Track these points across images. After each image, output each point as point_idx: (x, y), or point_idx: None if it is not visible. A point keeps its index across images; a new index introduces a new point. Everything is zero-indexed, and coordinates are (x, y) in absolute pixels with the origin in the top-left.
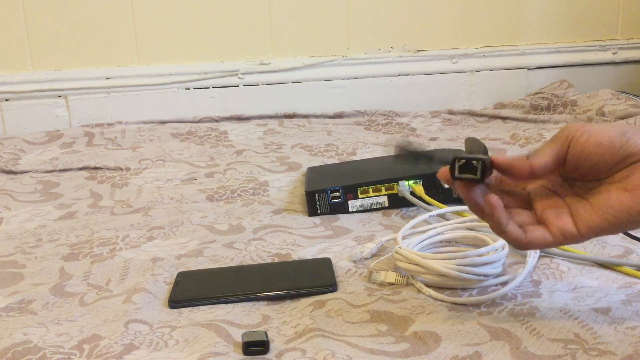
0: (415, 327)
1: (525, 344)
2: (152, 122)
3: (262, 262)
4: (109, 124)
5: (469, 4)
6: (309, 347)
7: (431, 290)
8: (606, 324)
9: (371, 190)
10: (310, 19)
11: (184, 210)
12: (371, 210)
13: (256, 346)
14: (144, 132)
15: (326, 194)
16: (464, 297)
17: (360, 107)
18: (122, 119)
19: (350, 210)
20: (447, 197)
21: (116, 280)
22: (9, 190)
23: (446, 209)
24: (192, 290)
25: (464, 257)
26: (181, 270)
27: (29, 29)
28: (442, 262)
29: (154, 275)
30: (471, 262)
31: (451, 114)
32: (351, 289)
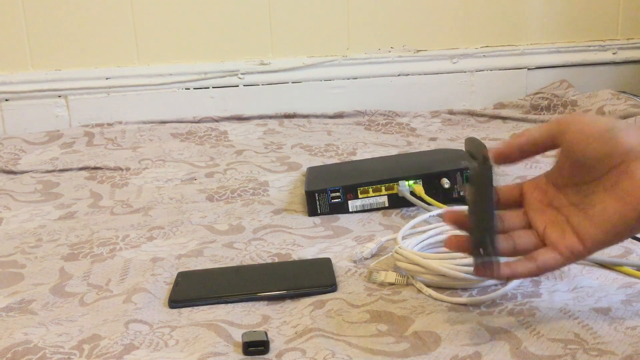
0: (415, 327)
1: (525, 344)
2: (152, 122)
3: (262, 262)
4: (109, 124)
5: (469, 4)
6: (309, 347)
7: (431, 290)
8: (606, 324)
9: (371, 190)
10: (310, 19)
11: (184, 210)
12: (371, 210)
13: (256, 346)
14: (144, 132)
15: (326, 194)
16: (464, 297)
17: (360, 107)
18: (122, 119)
19: (350, 210)
20: (447, 197)
21: (116, 280)
22: (9, 190)
23: (446, 209)
24: (192, 290)
25: (464, 257)
26: (181, 270)
27: (29, 29)
28: (442, 262)
29: (154, 275)
30: (471, 262)
31: (451, 114)
32: (351, 289)
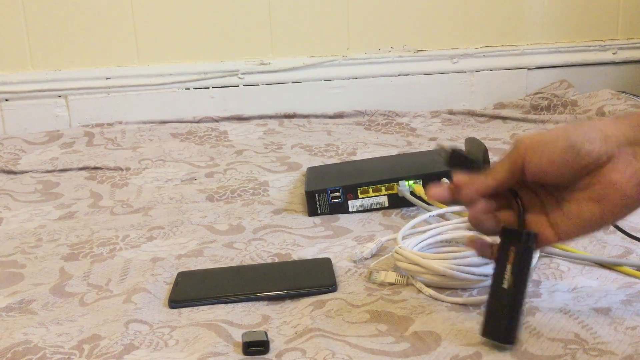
0: (415, 327)
1: (525, 344)
2: (152, 122)
3: (262, 262)
4: (109, 124)
5: (469, 4)
6: (309, 347)
7: (431, 290)
8: (606, 324)
9: (371, 190)
10: (310, 19)
11: (184, 210)
12: (371, 210)
13: (256, 346)
14: (144, 132)
15: (326, 194)
16: (464, 297)
17: (360, 107)
18: (122, 119)
19: (350, 210)
20: None
21: (116, 280)
22: (9, 190)
23: (446, 209)
24: (192, 290)
25: (464, 257)
26: (181, 270)
27: (29, 29)
28: (442, 262)
29: (154, 275)
30: (471, 262)
31: (451, 114)
32: (351, 289)
